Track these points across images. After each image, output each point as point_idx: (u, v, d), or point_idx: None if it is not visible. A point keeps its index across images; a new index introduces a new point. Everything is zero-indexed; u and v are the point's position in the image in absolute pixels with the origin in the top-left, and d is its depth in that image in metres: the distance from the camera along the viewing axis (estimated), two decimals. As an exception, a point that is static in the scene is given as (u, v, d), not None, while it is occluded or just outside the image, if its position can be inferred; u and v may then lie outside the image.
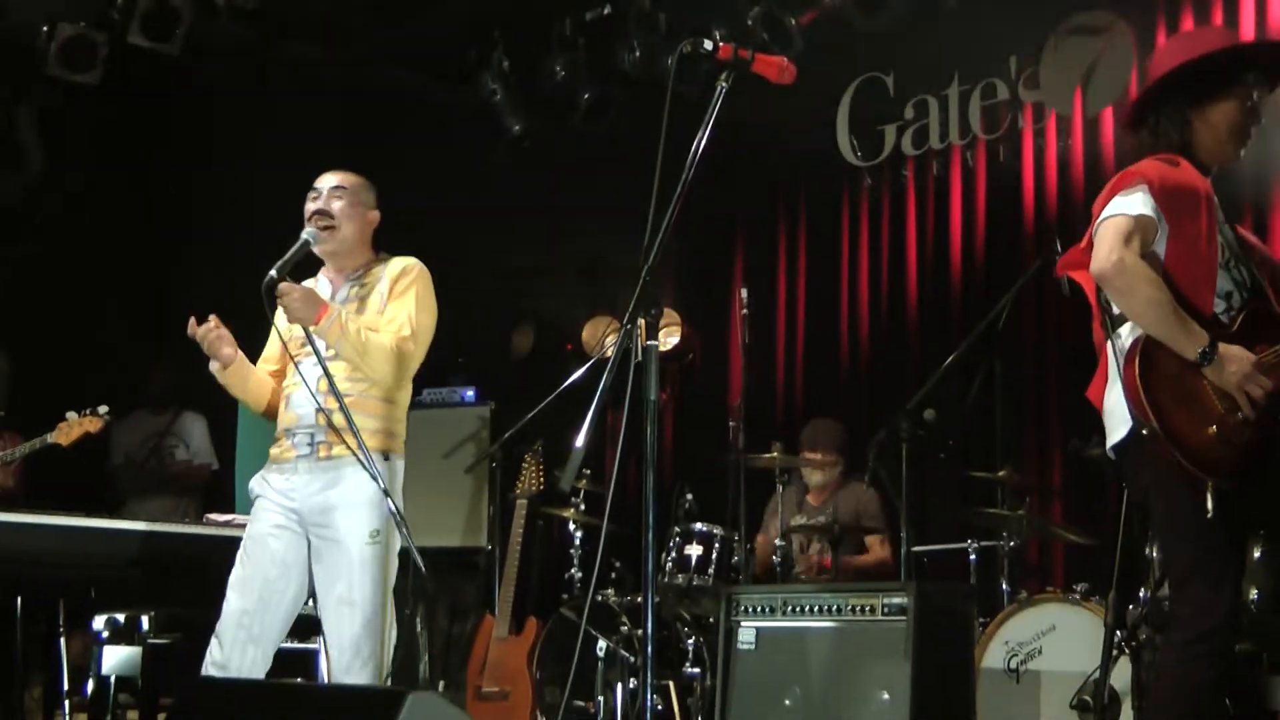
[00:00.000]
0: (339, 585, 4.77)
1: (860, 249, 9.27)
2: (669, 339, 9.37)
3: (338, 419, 4.71)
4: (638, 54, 8.49)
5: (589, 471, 7.55)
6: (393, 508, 4.59)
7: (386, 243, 5.23)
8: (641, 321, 3.48)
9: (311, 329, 4.74)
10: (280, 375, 5.12)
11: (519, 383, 9.38)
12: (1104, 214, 4.15)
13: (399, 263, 5.14)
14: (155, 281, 9.23)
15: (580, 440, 3.49)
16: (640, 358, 3.48)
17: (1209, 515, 4.01)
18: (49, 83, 8.10)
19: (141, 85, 8.34)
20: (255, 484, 5.00)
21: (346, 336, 4.77)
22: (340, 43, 8.85)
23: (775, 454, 7.29)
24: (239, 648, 4.78)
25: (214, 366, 4.95)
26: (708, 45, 3.71)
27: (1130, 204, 4.11)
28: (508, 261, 9.75)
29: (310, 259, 5.03)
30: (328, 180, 5.07)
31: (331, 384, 4.69)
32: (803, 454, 7.72)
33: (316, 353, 4.73)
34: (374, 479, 4.57)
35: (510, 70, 9.08)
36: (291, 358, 4.94)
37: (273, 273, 4.65)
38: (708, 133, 3.60)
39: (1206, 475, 4.04)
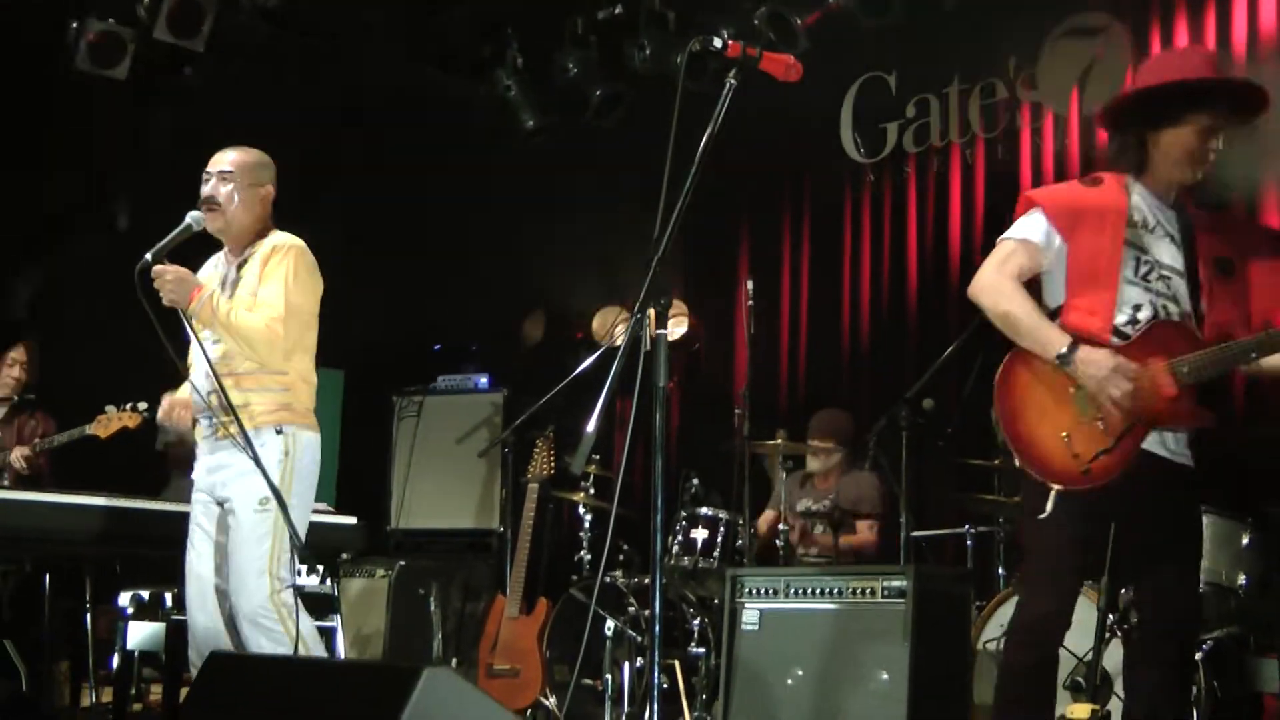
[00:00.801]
0: (234, 553, 4.91)
1: (862, 243, 9.31)
2: (677, 329, 9.37)
3: (235, 398, 4.80)
4: (648, 52, 8.53)
5: (598, 456, 7.60)
6: (268, 480, 4.68)
7: (404, 235, 5.29)
8: (651, 311, 3.53)
9: (184, 311, 4.79)
10: None
11: (531, 370, 9.43)
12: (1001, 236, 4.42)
13: (271, 241, 5.09)
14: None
15: (591, 426, 3.55)
16: (650, 346, 3.53)
17: (1043, 516, 4.20)
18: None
19: (166, 80, 8.47)
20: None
21: (216, 318, 4.82)
22: (358, 39, 8.92)
23: (779, 440, 7.36)
24: (202, 626, 4.97)
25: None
26: (717, 43, 3.74)
27: (1019, 227, 4.37)
28: (520, 252, 9.83)
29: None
30: (218, 162, 5.08)
31: (211, 366, 4.79)
32: (812, 441, 7.80)
33: (194, 333, 4.83)
34: (254, 460, 4.67)
35: (524, 67, 9.14)
36: (188, 343, 5.03)
37: (148, 256, 4.68)
38: (716, 128, 3.64)
39: (1045, 479, 4.23)
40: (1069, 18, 8.27)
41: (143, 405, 6.70)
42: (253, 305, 4.94)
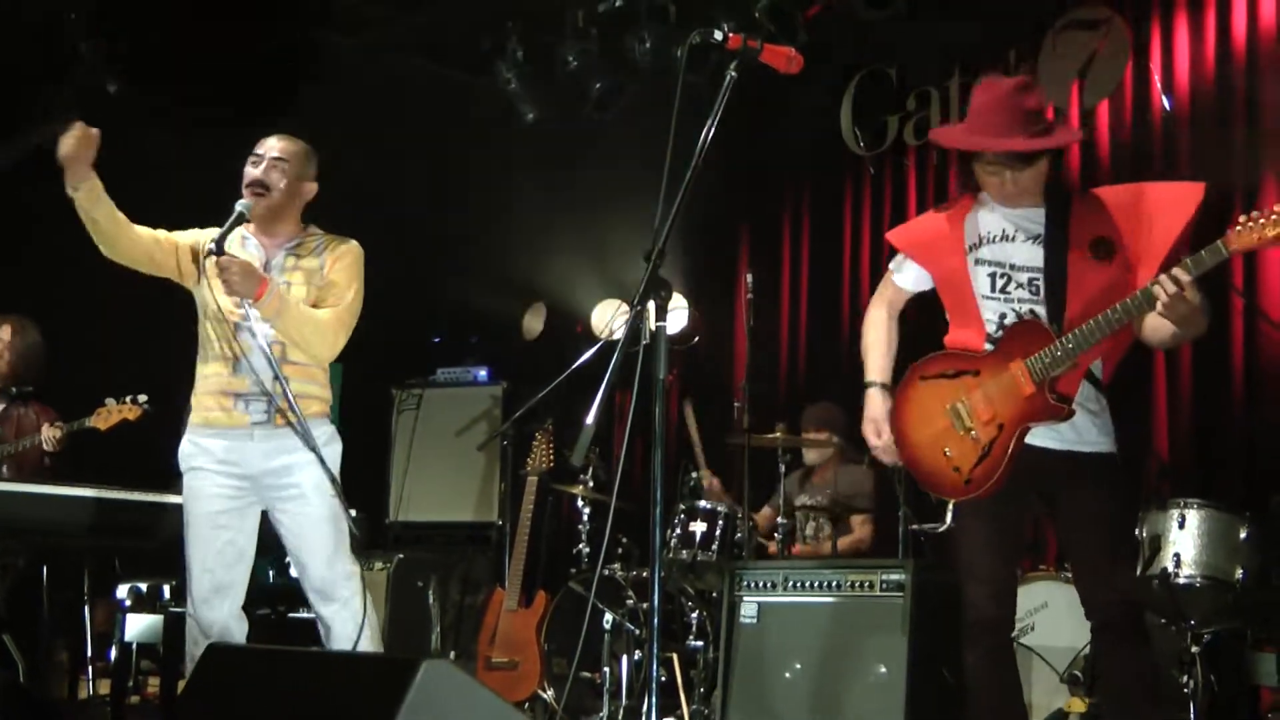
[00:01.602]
0: (308, 536, 4.95)
1: (862, 236, 9.32)
2: (676, 322, 9.43)
3: (293, 387, 4.84)
4: (648, 44, 8.55)
5: (597, 450, 7.63)
6: (331, 473, 4.83)
7: (403, 227, 5.30)
8: (651, 304, 3.53)
9: (250, 303, 4.81)
10: (173, 257, 5.10)
11: (530, 363, 9.46)
12: None
13: (340, 245, 5.18)
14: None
15: (590, 418, 3.54)
16: (649, 339, 3.54)
17: (942, 530, 4.35)
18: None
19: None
20: (189, 452, 5.01)
21: (286, 311, 4.86)
22: (359, 31, 8.92)
23: (779, 434, 7.38)
24: (211, 619, 4.94)
25: (71, 183, 4.78)
26: (717, 35, 3.76)
27: (893, 263, 4.82)
28: (520, 246, 9.83)
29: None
30: (271, 147, 5.09)
31: (271, 361, 4.80)
32: (806, 433, 7.81)
33: (250, 325, 4.81)
34: (314, 451, 4.80)
35: (524, 59, 9.15)
36: (226, 319, 4.97)
37: (211, 245, 4.73)
38: (716, 121, 3.65)
39: (936, 495, 4.48)
40: (1070, 11, 8.27)
41: (143, 397, 6.69)
42: (314, 300, 5.03)
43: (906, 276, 4.76)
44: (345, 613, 4.94)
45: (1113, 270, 4.28)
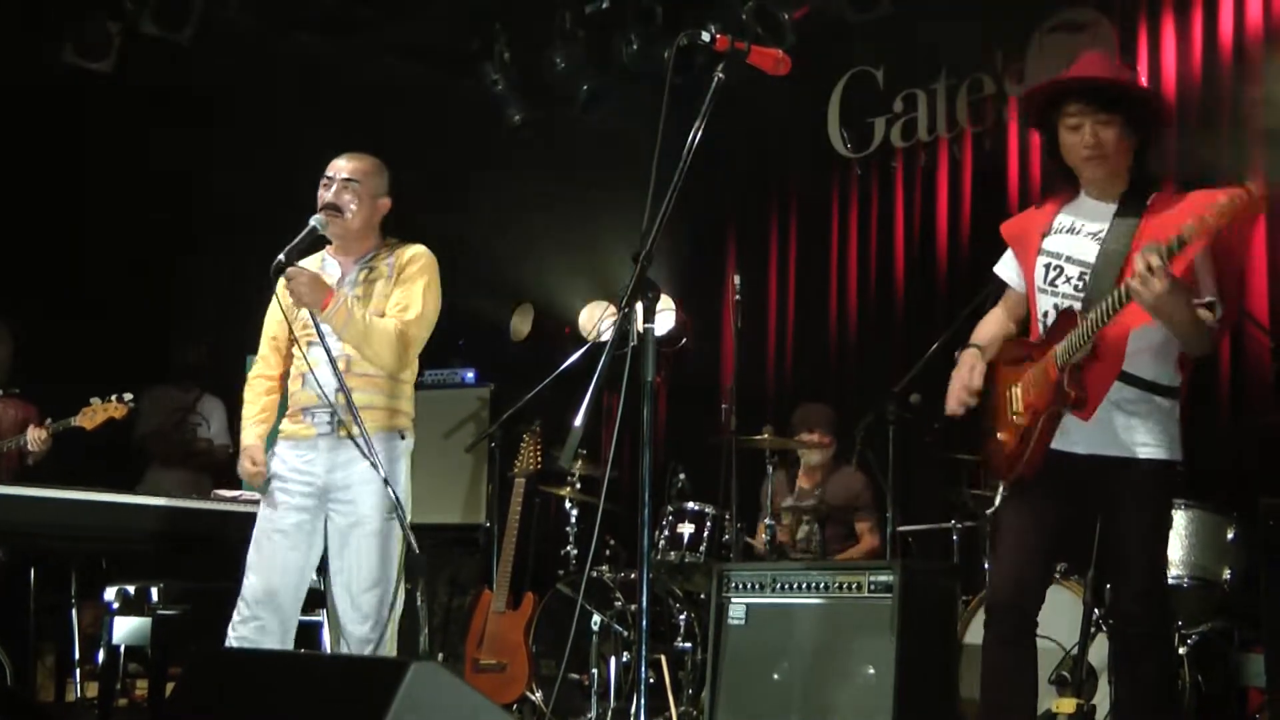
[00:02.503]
0: (358, 558, 4.92)
1: (849, 238, 9.32)
2: (664, 323, 9.42)
3: (357, 399, 4.80)
4: (635, 46, 8.56)
5: (585, 451, 7.63)
6: (394, 491, 4.73)
7: (390, 228, 5.30)
8: (639, 305, 3.53)
9: (318, 314, 4.82)
10: (282, 350, 5.21)
11: (518, 365, 9.45)
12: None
13: (408, 250, 5.20)
14: (164, 264, 9.35)
15: (578, 420, 3.54)
16: (637, 341, 3.53)
17: (990, 511, 4.38)
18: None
19: (153, 74, 8.46)
20: (273, 464, 5.07)
21: (352, 322, 4.86)
22: (345, 33, 8.92)
23: (766, 435, 7.38)
24: (259, 626, 4.93)
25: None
26: (705, 37, 3.76)
27: (1000, 264, 4.77)
28: (507, 247, 9.83)
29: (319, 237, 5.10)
30: (341, 169, 5.10)
31: (336, 370, 4.78)
32: (800, 435, 7.77)
33: (322, 338, 4.80)
34: (374, 466, 4.69)
35: (511, 61, 9.16)
36: (300, 338, 5.01)
37: (281, 257, 4.70)
38: (704, 123, 3.64)
39: (991, 476, 4.59)
40: (1057, 13, 8.29)
41: (128, 396, 6.68)
42: (383, 310, 5.02)
43: (1004, 267, 4.74)
44: (369, 649, 4.90)
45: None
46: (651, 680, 6.73)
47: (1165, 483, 4.37)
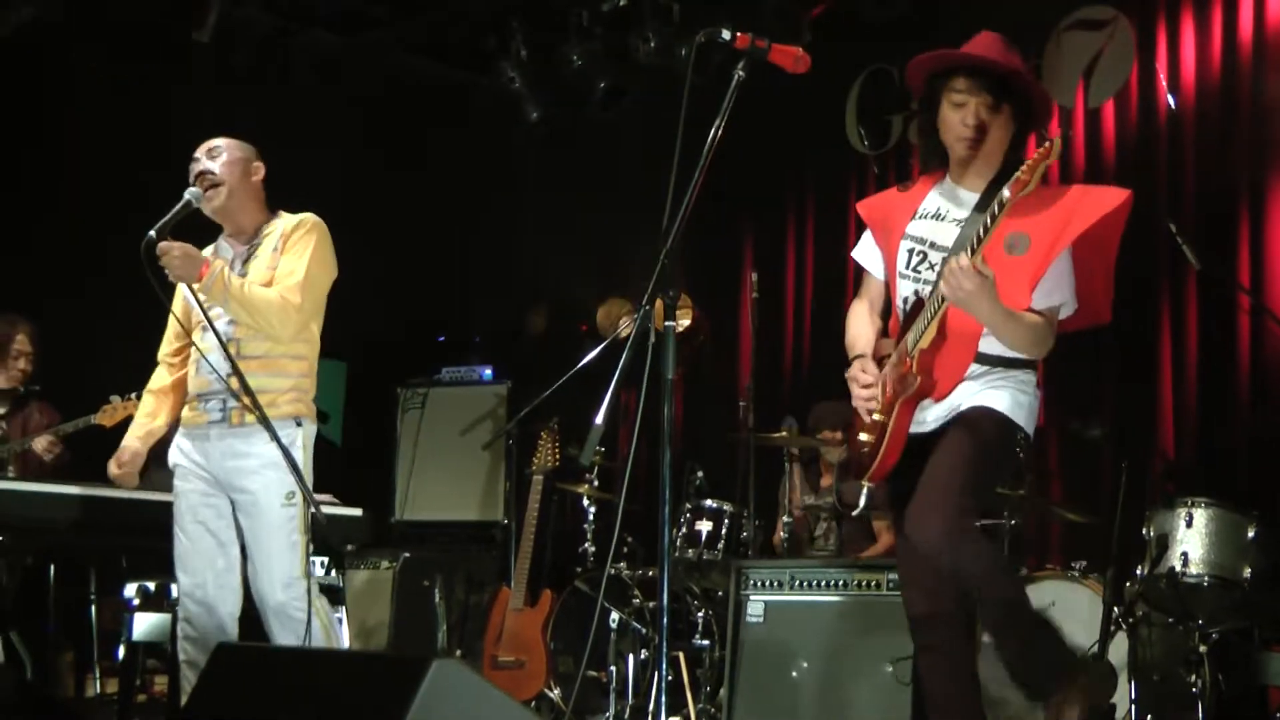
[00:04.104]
0: (259, 546, 4.90)
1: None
2: (682, 321, 9.39)
3: (250, 383, 4.71)
4: (653, 44, 8.55)
5: (602, 448, 7.64)
6: (297, 476, 4.65)
7: (408, 225, 5.29)
8: (659, 302, 3.52)
9: (194, 286, 4.73)
10: (184, 345, 5.14)
11: (535, 362, 9.46)
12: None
13: (294, 218, 5.09)
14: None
15: (599, 418, 3.54)
16: (656, 338, 3.52)
17: (856, 512, 4.36)
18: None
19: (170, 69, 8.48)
20: (172, 452, 5.06)
21: (230, 292, 4.76)
22: (363, 30, 8.94)
23: (785, 433, 7.38)
24: (202, 618, 4.96)
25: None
26: (725, 35, 3.77)
27: (858, 248, 4.73)
28: (524, 244, 9.84)
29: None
30: (204, 145, 5.05)
31: (228, 353, 4.71)
32: (823, 434, 7.71)
33: (210, 323, 4.72)
34: (280, 446, 4.58)
35: (528, 59, 9.17)
36: (196, 324, 4.95)
37: (151, 233, 4.57)
38: (724, 121, 3.64)
39: (856, 475, 4.50)
40: (1075, 10, 8.26)
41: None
42: (269, 281, 4.92)
43: (863, 252, 4.67)
44: (292, 633, 4.86)
45: (1021, 263, 4.16)
46: (670, 678, 6.72)
47: (997, 426, 4.25)
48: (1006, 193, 3.92)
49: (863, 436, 4.42)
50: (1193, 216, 7.50)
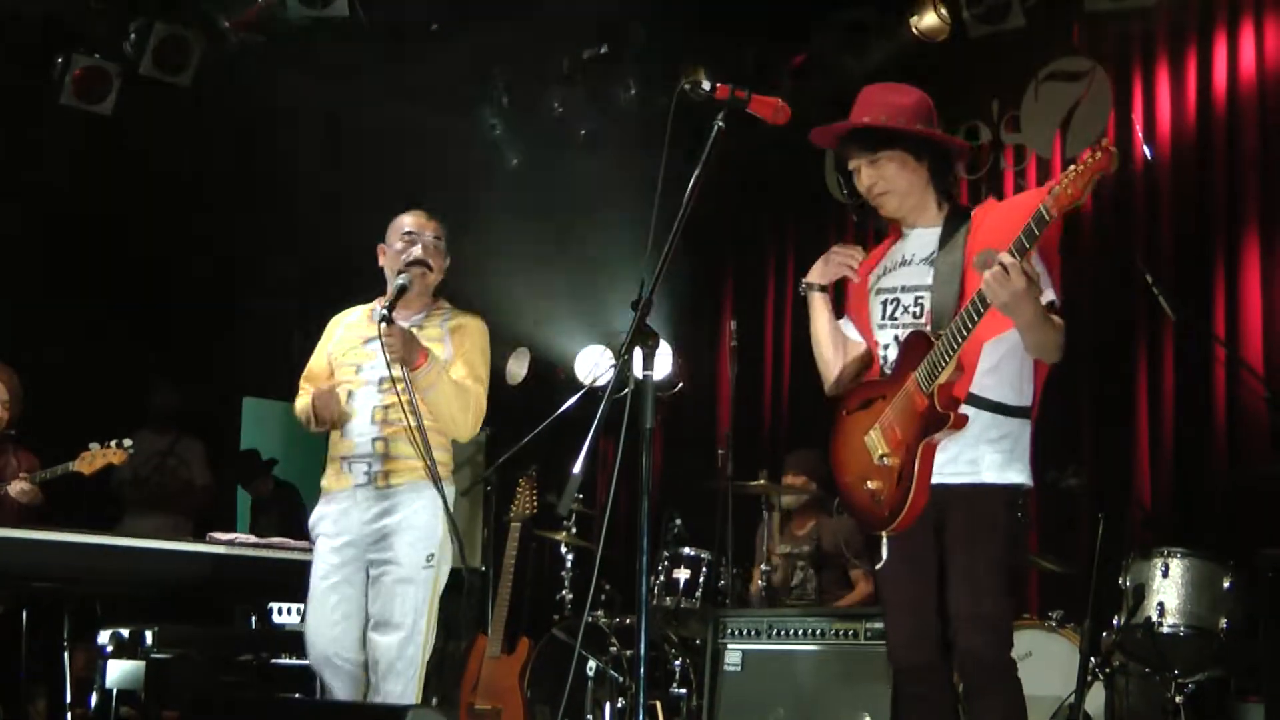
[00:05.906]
0: (393, 607, 4.91)
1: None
2: (661, 369, 9.40)
3: (394, 448, 4.87)
4: (633, 91, 8.60)
5: (581, 496, 7.63)
6: (450, 530, 4.85)
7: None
8: (638, 352, 3.53)
9: (411, 371, 4.85)
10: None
11: (513, 409, 9.44)
12: None
13: (461, 317, 5.26)
14: (156, 305, 9.32)
15: (578, 466, 3.53)
16: (635, 387, 3.52)
17: (879, 566, 4.23)
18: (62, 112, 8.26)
19: (152, 116, 8.48)
20: (314, 519, 5.10)
21: (442, 380, 4.92)
22: (344, 77, 8.95)
23: (762, 481, 7.38)
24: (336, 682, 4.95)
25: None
26: (706, 85, 3.80)
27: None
28: (503, 290, 9.82)
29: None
30: (425, 227, 5.20)
31: (418, 416, 4.78)
32: (786, 477, 7.78)
33: (402, 394, 4.81)
34: (440, 495, 4.77)
35: (510, 105, 9.20)
36: (340, 386, 5.05)
37: (384, 311, 4.81)
38: (703, 170, 3.65)
39: (868, 530, 4.27)
40: (1052, 61, 8.33)
41: (127, 442, 6.70)
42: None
43: (845, 329, 4.79)
44: (397, 688, 4.88)
45: None
46: (646, 727, 6.69)
47: (1011, 505, 4.24)
48: (1048, 200, 3.84)
49: (870, 485, 4.19)
50: (1169, 266, 7.56)
